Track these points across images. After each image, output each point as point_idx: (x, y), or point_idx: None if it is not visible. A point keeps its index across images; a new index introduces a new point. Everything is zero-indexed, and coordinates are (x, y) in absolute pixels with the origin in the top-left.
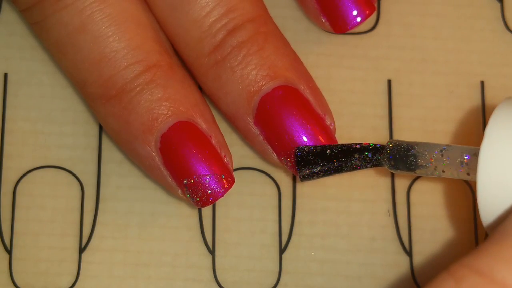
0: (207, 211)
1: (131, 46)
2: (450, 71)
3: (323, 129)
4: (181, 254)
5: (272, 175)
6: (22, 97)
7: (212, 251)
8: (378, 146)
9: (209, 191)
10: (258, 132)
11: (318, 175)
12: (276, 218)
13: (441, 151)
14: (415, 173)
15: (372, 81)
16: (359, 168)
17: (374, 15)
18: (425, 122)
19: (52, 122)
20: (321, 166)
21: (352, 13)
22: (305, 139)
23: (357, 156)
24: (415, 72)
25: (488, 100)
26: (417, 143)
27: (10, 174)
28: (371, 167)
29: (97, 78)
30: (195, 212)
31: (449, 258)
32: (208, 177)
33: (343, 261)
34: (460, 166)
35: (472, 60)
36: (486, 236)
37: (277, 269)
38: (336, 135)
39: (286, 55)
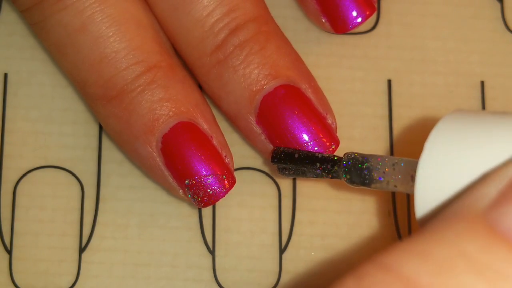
0: (207, 211)
1: (132, 47)
2: (450, 71)
3: (325, 127)
4: (181, 254)
5: (272, 175)
6: (22, 97)
7: (212, 251)
8: (335, 158)
9: (210, 192)
10: (260, 131)
11: (289, 173)
12: (276, 218)
13: (393, 165)
14: (371, 187)
15: (372, 81)
16: (322, 177)
17: (374, 15)
18: (425, 122)
19: (52, 122)
20: (290, 166)
21: (352, 13)
22: (306, 138)
23: (319, 165)
24: (415, 72)
25: (488, 100)
26: (371, 156)
27: (10, 174)
28: (331, 178)
29: (98, 78)
30: (195, 212)
31: None
32: (209, 177)
33: (343, 261)
34: (410, 181)
35: (472, 60)
36: None
37: (277, 269)
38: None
39: (287, 54)
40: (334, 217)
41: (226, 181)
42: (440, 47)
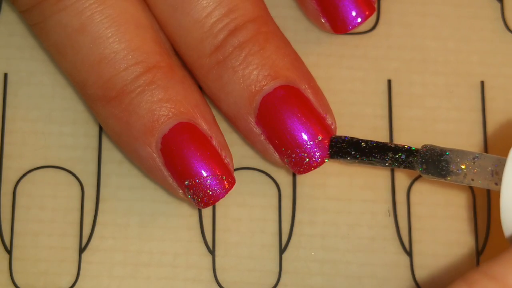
0: (207, 211)
1: (131, 47)
2: (450, 71)
3: (324, 128)
4: (181, 254)
5: (272, 175)
6: (22, 97)
7: (212, 251)
8: (412, 148)
9: (210, 192)
10: (259, 132)
11: (351, 161)
12: (276, 218)
13: (474, 159)
14: (446, 179)
15: (372, 81)
16: (391, 167)
17: (374, 15)
18: (425, 122)
19: (52, 122)
20: (353, 156)
21: (351, 13)
22: (306, 138)
23: (391, 155)
24: (415, 72)
25: (488, 100)
26: (450, 149)
27: (10, 174)
28: (403, 168)
29: (97, 79)
30: (195, 212)
31: (449, 258)
32: (209, 178)
33: (343, 261)
34: (490, 175)
35: (472, 60)
36: (487, 238)
37: (277, 269)
38: None
39: (287, 55)
40: (334, 217)
41: (225, 182)
42: (440, 47)
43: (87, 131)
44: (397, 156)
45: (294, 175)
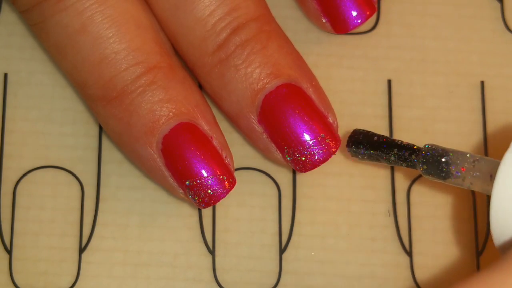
0: (207, 211)
1: (132, 48)
2: (450, 71)
3: (326, 126)
4: (181, 254)
5: (272, 175)
6: (22, 97)
7: (212, 251)
8: (415, 147)
9: (211, 192)
10: (261, 130)
11: (362, 155)
12: (276, 218)
13: (474, 162)
14: (446, 181)
15: (372, 81)
16: (396, 164)
17: (374, 15)
18: (425, 122)
19: (52, 122)
20: (365, 149)
21: (352, 13)
22: (308, 136)
23: (395, 152)
24: (415, 72)
25: (488, 100)
26: (452, 150)
27: (10, 174)
28: (405, 166)
29: (98, 79)
30: (195, 212)
31: (449, 258)
32: (210, 178)
33: (343, 261)
34: (489, 180)
35: (472, 60)
36: (487, 238)
37: (277, 269)
38: None
39: (289, 53)
40: (334, 217)
41: (226, 182)
42: (440, 47)
43: (87, 131)
44: (401, 153)
45: (294, 175)
